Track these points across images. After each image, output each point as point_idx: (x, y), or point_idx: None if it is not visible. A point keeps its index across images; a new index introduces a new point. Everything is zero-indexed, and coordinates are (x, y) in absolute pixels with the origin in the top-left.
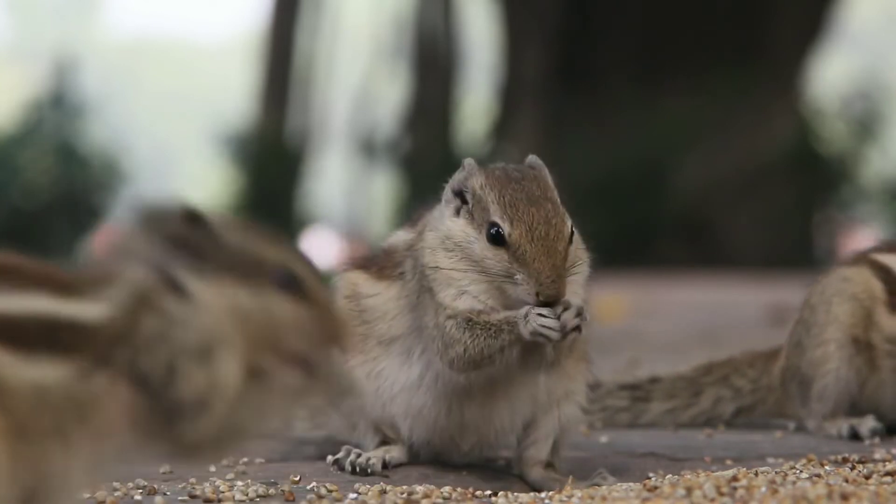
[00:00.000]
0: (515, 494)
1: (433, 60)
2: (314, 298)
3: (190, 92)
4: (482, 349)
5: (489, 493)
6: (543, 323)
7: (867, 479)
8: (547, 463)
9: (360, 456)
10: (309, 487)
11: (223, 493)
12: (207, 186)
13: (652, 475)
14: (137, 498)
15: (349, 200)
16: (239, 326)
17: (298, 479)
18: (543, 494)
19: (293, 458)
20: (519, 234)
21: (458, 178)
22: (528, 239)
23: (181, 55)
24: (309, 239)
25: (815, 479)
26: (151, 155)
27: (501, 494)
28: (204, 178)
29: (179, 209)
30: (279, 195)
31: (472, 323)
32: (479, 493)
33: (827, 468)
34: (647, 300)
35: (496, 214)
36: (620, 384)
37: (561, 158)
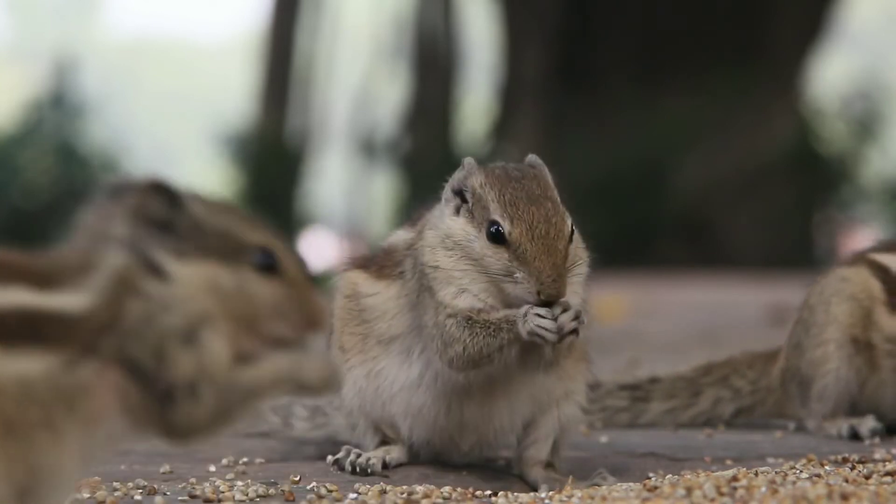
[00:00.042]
0: (515, 494)
1: (433, 60)
2: (294, 281)
3: (190, 92)
4: (481, 348)
5: (489, 493)
6: (540, 324)
7: (867, 479)
8: (547, 463)
9: (360, 456)
10: (309, 487)
11: (223, 493)
12: (207, 186)
13: (652, 475)
14: (137, 498)
15: (349, 200)
16: (220, 307)
17: (298, 479)
18: (543, 494)
19: (293, 458)
20: (519, 232)
21: (457, 177)
22: (528, 237)
23: (181, 55)
24: (308, 239)
25: (815, 479)
26: (151, 155)
27: (501, 494)
28: (204, 178)
29: (146, 182)
30: (279, 195)
31: (471, 321)
32: (479, 493)
33: (827, 468)
34: (647, 300)
35: (496, 213)
36: (620, 384)
37: (561, 158)
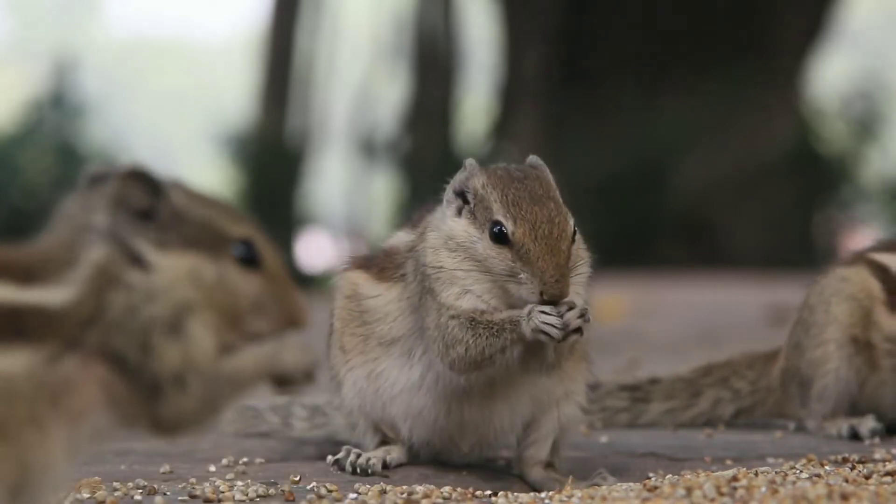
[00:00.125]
0: (515, 494)
1: (433, 60)
2: (275, 276)
3: (190, 92)
4: (484, 349)
5: (489, 493)
6: (546, 320)
7: (867, 479)
8: (547, 463)
9: (360, 456)
10: (309, 487)
11: (223, 493)
12: (207, 186)
13: (652, 475)
14: (137, 498)
15: (349, 200)
16: (202, 298)
17: (298, 479)
18: (543, 494)
19: (293, 458)
20: (522, 232)
21: (459, 178)
22: (531, 237)
23: (181, 55)
24: (308, 239)
25: (815, 479)
26: (151, 155)
27: (501, 494)
28: (204, 177)
29: (127, 169)
30: (279, 195)
31: (474, 322)
32: (479, 493)
33: (827, 468)
34: (647, 300)
35: (499, 213)
36: (620, 385)
37: (561, 158)
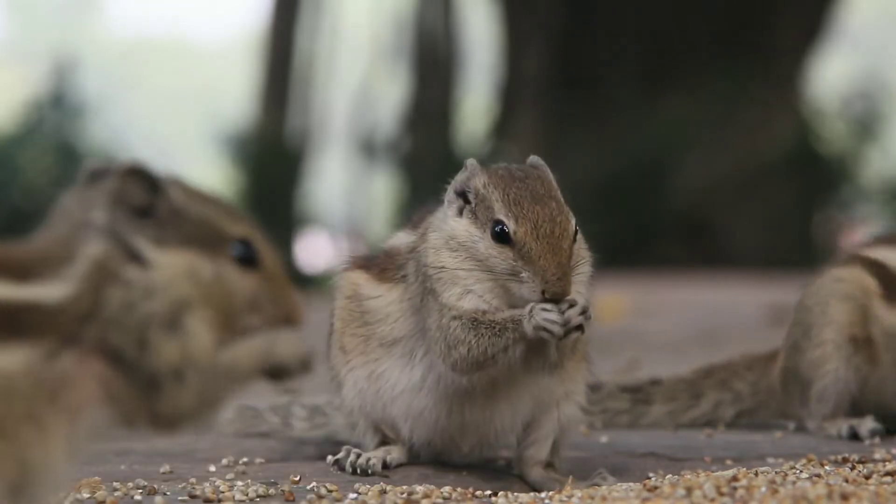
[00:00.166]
0: (515, 494)
1: (433, 60)
2: (272, 275)
3: (190, 92)
4: (486, 348)
5: (489, 493)
6: (547, 317)
7: (867, 479)
8: (547, 463)
9: (360, 456)
10: (309, 487)
11: (223, 493)
12: (207, 186)
13: (652, 475)
14: (137, 498)
15: (349, 200)
16: (200, 296)
17: (298, 479)
18: (543, 494)
19: (293, 458)
20: (524, 231)
21: (460, 178)
22: (533, 237)
23: (181, 55)
24: (307, 240)
25: (815, 479)
26: (151, 155)
27: (501, 494)
28: (204, 177)
29: (125, 166)
30: (279, 195)
31: (477, 323)
32: (479, 493)
33: (827, 468)
34: (647, 300)
35: (501, 212)
36: (622, 386)
37: (561, 158)
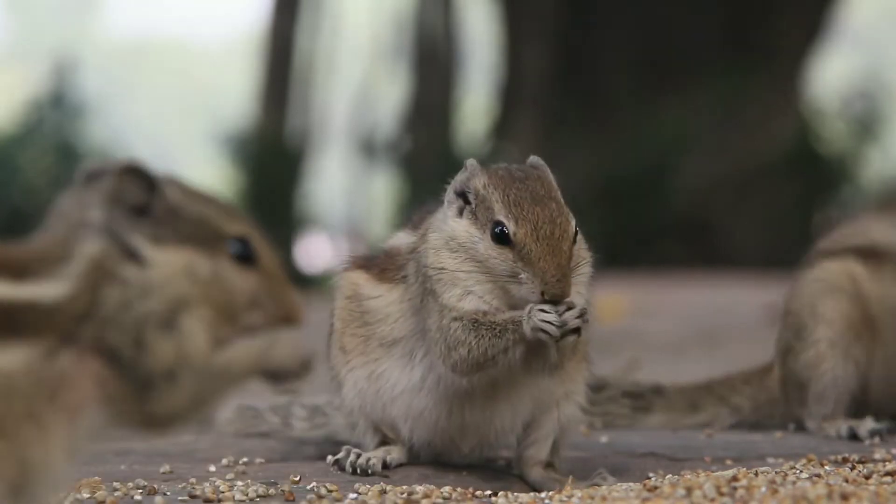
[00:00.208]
0: (515, 494)
1: (433, 60)
2: (270, 273)
3: (190, 92)
4: (486, 349)
5: (489, 493)
6: (544, 318)
7: (867, 479)
8: (547, 463)
9: (360, 456)
10: (309, 487)
11: (223, 493)
12: (207, 186)
13: (652, 475)
14: (137, 498)
15: (349, 200)
16: (198, 295)
17: (298, 479)
18: (543, 494)
19: (293, 458)
20: (524, 233)
21: (460, 178)
22: (533, 238)
23: (181, 55)
24: (307, 240)
25: (815, 479)
26: (151, 155)
27: (501, 494)
28: (204, 177)
29: (122, 165)
30: (279, 195)
31: (477, 324)
32: (479, 493)
33: (827, 468)
34: (647, 300)
35: (501, 213)
36: (624, 391)
37: (561, 158)
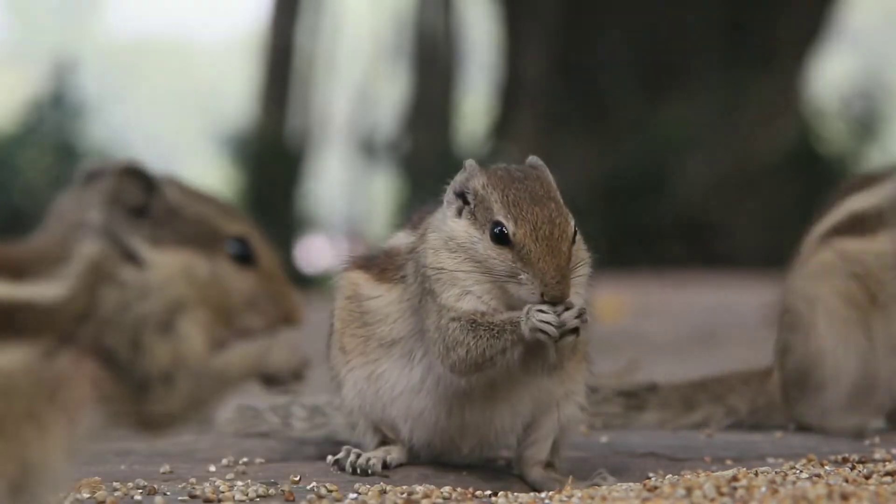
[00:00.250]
0: (515, 494)
1: (433, 60)
2: (270, 274)
3: (190, 92)
4: (484, 350)
5: (489, 493)
6: (542, 318)
7: (867, 479)
8: (547, 463)
9: (360, 456)
10: (309, 487)
11: (223, 493)
12: (207, 186)
13: (652, 475)
14: (137, 498)
15: (349, 200)
16: (195, 295)
17: (298, 479)
18: (543, 494)
19: (293, 458)
20: (523, 233)
21: (459, 179)
22: (532, 238)
23: (181, 55)
24: (306, 240)
25: (815, 479)
26: (151, 155)
27: (501, 494)
28: (204, 178)
29: (121, 166)
30: (279, 195)
31: (475, 324)
32: (479, 493)
33: (827, 468)
34: (647, 300)
35: (500, 214)
36: (617, 390)
37: (561, 158)
